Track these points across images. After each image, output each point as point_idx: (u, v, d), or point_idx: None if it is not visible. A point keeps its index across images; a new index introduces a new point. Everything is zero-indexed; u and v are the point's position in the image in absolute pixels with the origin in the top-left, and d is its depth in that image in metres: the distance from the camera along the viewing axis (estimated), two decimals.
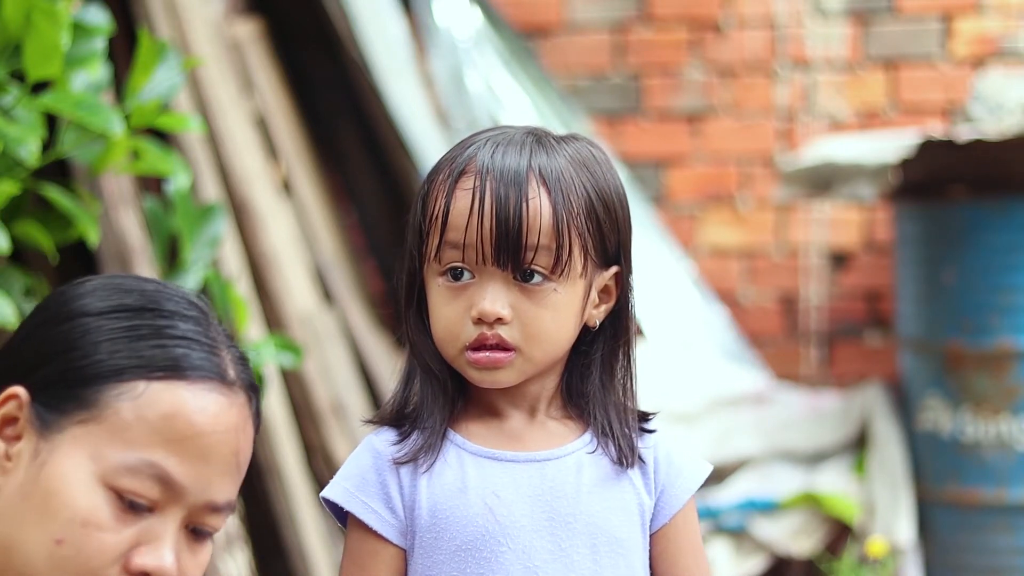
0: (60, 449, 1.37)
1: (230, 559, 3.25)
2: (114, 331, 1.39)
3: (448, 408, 1.61)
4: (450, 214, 1.56)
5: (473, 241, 1.55)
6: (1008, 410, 4.10)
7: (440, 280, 1.58)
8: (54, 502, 1.36)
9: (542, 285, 1.56)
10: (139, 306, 1.42)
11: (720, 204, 4.91)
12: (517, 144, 1.59)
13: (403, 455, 1.59)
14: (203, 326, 1.44)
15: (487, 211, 1.55)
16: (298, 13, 4.37)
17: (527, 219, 1.55)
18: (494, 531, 1.56)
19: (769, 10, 4.85)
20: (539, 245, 1.55)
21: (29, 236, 2.52)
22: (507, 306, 1.56)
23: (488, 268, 1.56)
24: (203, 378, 1.41)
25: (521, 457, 1.59)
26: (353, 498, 1.59)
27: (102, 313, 1.40)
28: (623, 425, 1.62)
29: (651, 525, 1.63)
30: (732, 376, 4.62)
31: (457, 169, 1.58)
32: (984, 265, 4.10)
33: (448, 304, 1.58)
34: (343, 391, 3.71)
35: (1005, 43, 4.73)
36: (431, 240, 1.58)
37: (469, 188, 1.56)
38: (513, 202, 1.55)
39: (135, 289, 1.44)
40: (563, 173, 1.58)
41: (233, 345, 1.48)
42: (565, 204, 1.56)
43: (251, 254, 3.67)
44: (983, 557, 4.16)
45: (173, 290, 1.45)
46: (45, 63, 2.35)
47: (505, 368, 1.57)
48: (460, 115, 4.63)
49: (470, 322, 1.56)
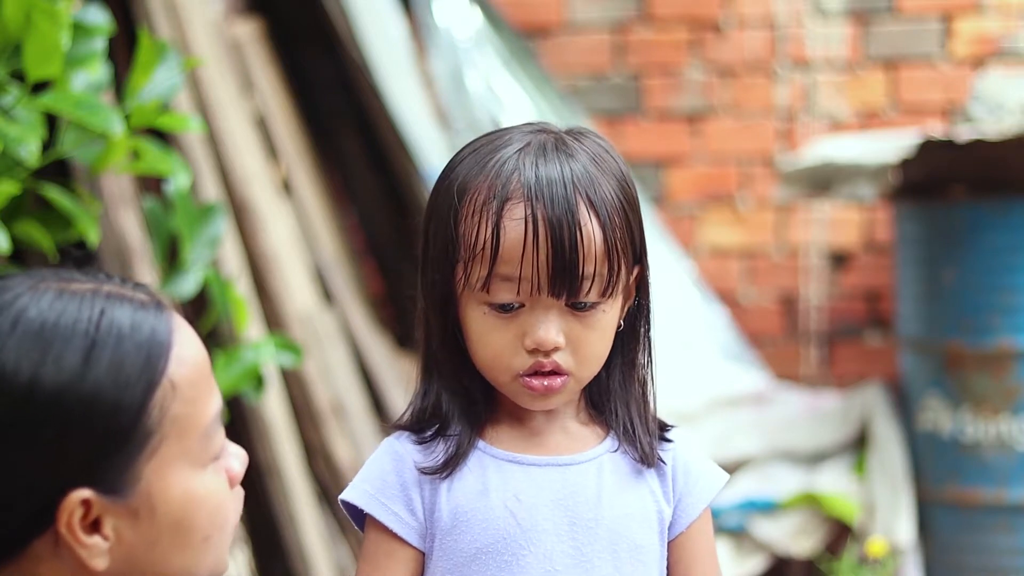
0: (155, 485, 1.37)
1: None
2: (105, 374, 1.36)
3: (477, 420, 1.61)
4: (500, 246, 1.52)
5: (529, 274, 1.52)
6: (1008, 410, 4.10)
7: (485, 308, 1.55)
8: (186, 522, 1.39)
9: (594, 310, 1.56)
10: (88, 346, 1.35)
11: (720, 204, 4.91)
12: (552, 158, 1.55)
13: (433, 465, 1.58)
14: (108, 305, 1.39)
15: (542, 243, 1.51)
16: (298, 13, 4.37)
17: (583, 249, 1.52)
18: (515, 535, 1.56)
19: (769, 10, 4.85)
20: (595, 273, 1.53)
21: (29, 236, 2.52)
22: (561, 333, 1.55)
23: (542, 298, 1.54)
24: (172, 330, 1.40)
25: (543, 461, 1.59)
26: (373, 500, 1.59)
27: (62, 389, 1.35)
28: (643, 425, 1.62)
29: (668, 533, 1.63)
30: (732, 376, 4.62)
31: (501, 194, 1.53)
32: (984, 265, 4.10)
33: (495, 332, 1.55)
34: (343, 391, 3.71)
35: (1005, 43, 4.73)
36: (475, 270, 1.54)
37: (520, 219, 1.52)
38: (567, 233, 1.51)
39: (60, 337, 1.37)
40: (599, 186, 1.55)
41: (125, 282, 1.44)
42: (610, 224, 1.54)
43: (251, 254, 3.67)
44: (983, 557, 4.16)
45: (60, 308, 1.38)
46: (45, 63, 2.35)
47: (559, 392, 1.57)
48: (460, 115, 4.63)
49: (522, 349, 1.55)
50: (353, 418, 3.68)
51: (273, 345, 2.97)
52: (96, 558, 1.36)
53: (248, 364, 2.84)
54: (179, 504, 1.39)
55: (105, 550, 1.36)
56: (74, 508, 1.34)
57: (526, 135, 1.59)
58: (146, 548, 1.38)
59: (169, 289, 2.75)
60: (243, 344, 3.03)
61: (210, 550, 1.42)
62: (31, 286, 1.37)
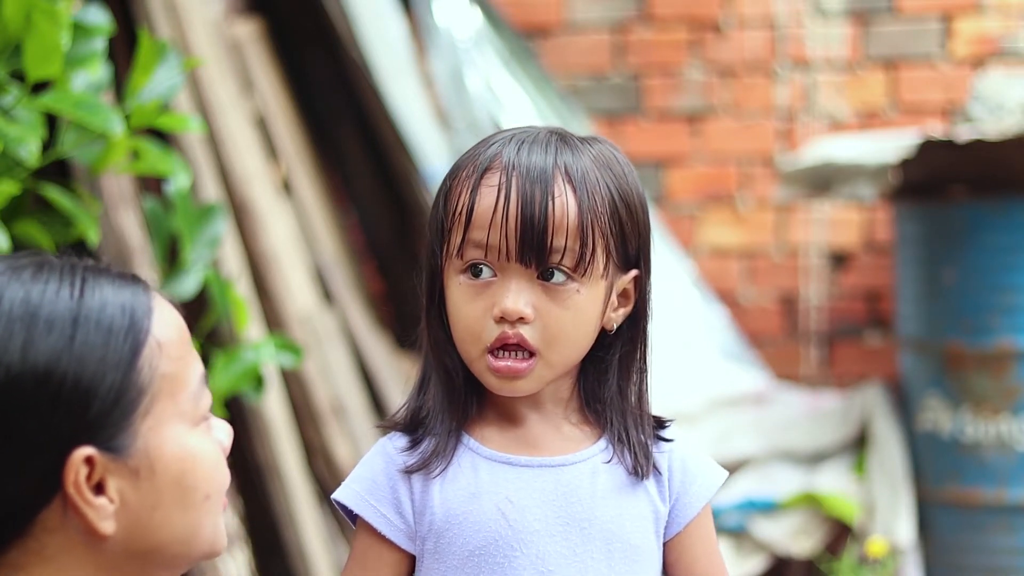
0: (153, 443, 1.42)
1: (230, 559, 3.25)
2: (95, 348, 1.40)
3: (460, 413, 1.60)
4: (474, 211, 1.54)
5: (497, 239, 1.53)
6: (1008, 410, 4.10)
7: (461, 278, 1.56)
8: (186, 479, 1.43)
9: (565, 285, 1.55)
10: (69, 329, 1.40)
11: (720, 204, 4.91)
12: (542, 142, 1.57)
13: (413, 463, 1.59)
14: (90, 282, 1.43)
15: (512, 208, 1.53)
16: (298, 13, 4.37)
17: (553, 217, 1.53)
18: (507, 536, 1.56)
19: (769, 10, 4.85)
20: (565, 245, 1.54)
21: (29, 236, 2.52)
22: (529, 305, 1.54)
23: (512, 266, 1.54)
24: (151, 296, 1.45)
25: (536, 462, 1.59)
26: (362, 501, 1.60)
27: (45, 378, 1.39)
28: (639, 432, 1.61)
29: (665, 532, 1.62)
30: (732, 376, 4.62)
31: (482, 166, 1.56)
32: (984, 265, 4.10)
33: (469, 302, 1.56)
34: (343, 391, 3.71)
35: (1005, 43, 4.73)
36: (453, 237, 1.56)
37: (494, 185, 1.54)
38: (539, 199, 1.53)
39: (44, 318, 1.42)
40: (588, 172, 1.56)
41: (99, 261, 1.49)
42: (590, 203, 1.55)
43: (251, 254, 3.67)
44: (983, 557, 4.16)
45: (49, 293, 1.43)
46: (45, 63, 2.35)
47: (525, 377, 1.56)
48: (460, 115, 4.63)
49: (491, 321, 1.55)
50: (353, 418, 3.68)
51: (273, 345, 2.97)
52: (104, 520, 1.39)
53: (248, 364, 2.84)
54: (177, 461, 1.43)
55: (111, 513, 1.40)
56: (79, 466, 1.38)
57: (533, 130, 1.61)
58: (150, 510, 1.42)
59: (169, 289, 2.75)
60: (243, 344, 3.03)
61: (211, 511, 1.45)
62: (9, 266, 1.42)
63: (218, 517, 1.47)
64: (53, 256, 1.45)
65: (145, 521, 1.42)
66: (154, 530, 1.42)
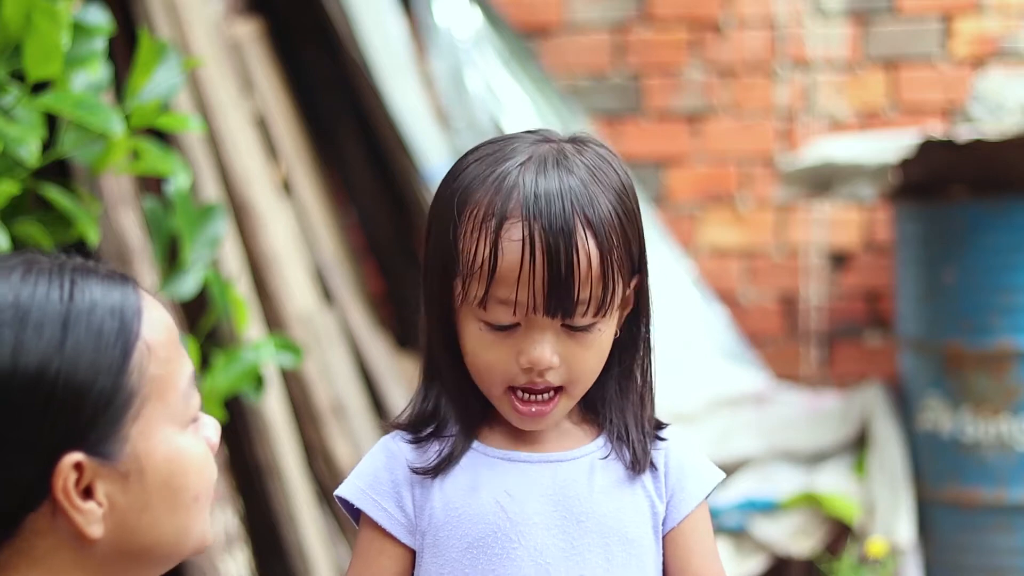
0: (142, 447, 1.41)
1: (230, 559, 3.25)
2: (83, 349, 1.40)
3: (474, 423, 1.62)
4: (498, 268, 1.53)
5: (525, 296, 1.53)
6: (1008, 410, 4.10)
7: (481, 325, 1.56)
8: (175, 481, 1.43)
9: (589, 330, 1.56)
10: (60, 330, 1.39)
11: (720, 204, 4.91)
12: (552, 174, 1.55)
13: (425, 465, 1.60)
14: (80, 284, 1.42)
15: (539, 267, 1.52)
16: (298, 13, 4.37)
17: (578, 272, 1.53)
18: (506, 528, 1.58)
19: (769, 10, 4.85)
20: (591, 295, 1.54)
21: (29, 236, 2.52)
22: (556, 354, 1.55)
23: (538, 318, 1.54)
24: (140, 297, 1.44)
25: (535, 458, 1.61)
26: (364, 496, 1.61)
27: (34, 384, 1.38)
28: (639, 431, 1.62)
29: (662, 528, 1.63)
30: (732, 376, 4.62)
31: (499, 213, 1.54)
32: (984, 265, 4.10)
33: (491, 349, 1.56)
34: (343, 391, 3.71)
35: (1005, 43, 4.73)
36: (473, 288, 1.55)
37: (518, 240, 1.53)
38: (564, 254, 1.52)
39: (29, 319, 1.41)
40: (599, 205, 1.55)
41: (87, 259, 1.48)
42: (608, 244, 1.54)
43: (251, 254, 3.67)
44: (983, 557, 4.16)
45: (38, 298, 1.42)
46: (45, 63, 2.35)
47: (548, 416, 1.59)
48: (460, 115, 4.63)
49: (516, 366, 1.56)
50: (353, 418, 3.68)
51: (273, 345, 2.97)
52: (92, 524, 1.39)
53: (248, 364, 2.84)
54: (166, 463, 1.42)
55: (100, 516, 1.40)
56: (68, 472, 1.37)
57: (529, 146, 1.59)
58: (139, 513, 1.41)
59: (169, 289, 2.75)
60: (243, 344, 3.03)
61: (200, 511, 1.45)
62: None
63: (206, 515, 1.48)
64: (41, 256, 1.44)
65: (134, 523, 1.42)
66: (143, 532, 1.42)
